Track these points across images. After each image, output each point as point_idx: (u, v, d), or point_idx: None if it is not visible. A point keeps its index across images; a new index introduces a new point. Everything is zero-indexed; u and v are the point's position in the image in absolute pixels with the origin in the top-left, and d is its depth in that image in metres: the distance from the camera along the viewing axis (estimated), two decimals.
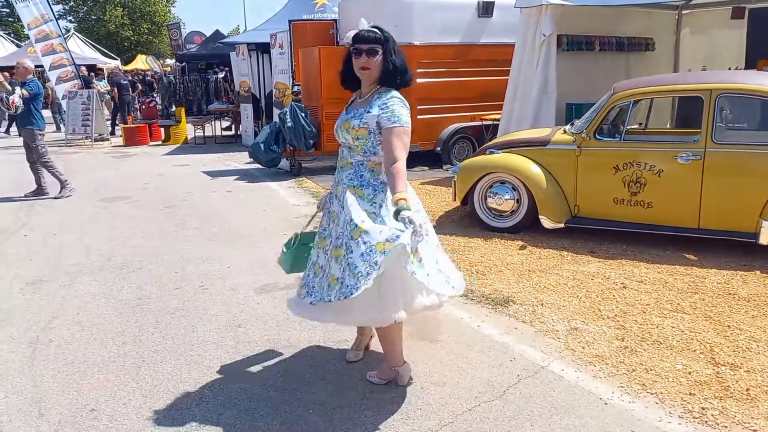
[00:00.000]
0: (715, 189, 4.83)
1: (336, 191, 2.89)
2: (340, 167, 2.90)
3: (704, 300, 4.07)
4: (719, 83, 4.89)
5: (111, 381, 3.23)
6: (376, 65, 2.75)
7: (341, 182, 2.85)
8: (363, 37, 2.75)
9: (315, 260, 2.90)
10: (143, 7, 42.23)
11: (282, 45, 10.91)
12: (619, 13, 8.45)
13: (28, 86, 7.89)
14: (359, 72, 2.78)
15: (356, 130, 2.76)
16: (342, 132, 2.83)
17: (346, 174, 2.84)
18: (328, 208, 2.93)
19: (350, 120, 2.78)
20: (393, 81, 2.81)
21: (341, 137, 2.85)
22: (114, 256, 5.47)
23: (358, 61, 2.76)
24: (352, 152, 2.82)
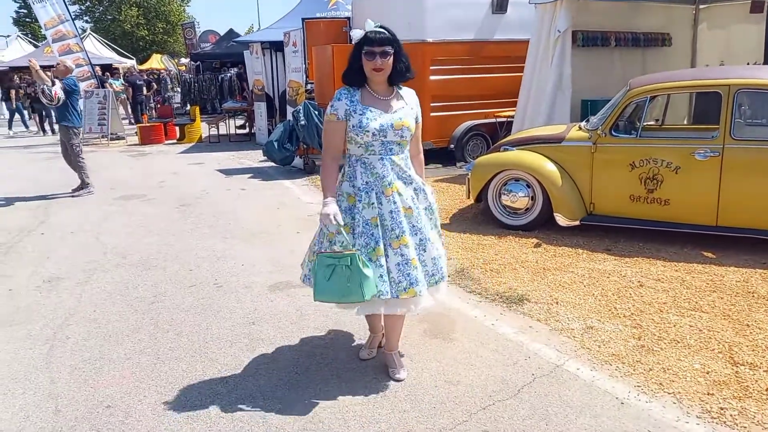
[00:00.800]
0: (734, 186, 4.76)
1: (391, 191, 2.85)
2: (387, 166, 2.86)
3: (722, 298, 4.01)
4: (738, 79, 4.81)
5: (127, 378, 3.25)
6: (388, 66, 2.80)
7: (398, 178, 2.89)
8: (375, 39, 2.76)
9: (404, 259, 2.84)
10: (158, 7, 42.54)
11: (295, 43, 10.92)
12: (635, 8, 8.36)
13: (64, 82, 8.13)
14: (372, 73, 2.80)
15: (413, 127, 2.91)
16: (396, 131, 2.83)
17: (403, 171, 2.91)
18: (382, 211, 2.85)
19: (405, 118, 2.86)
20: (403, 79, 2.89)
21: (393, 136, 2.83)
22: (130, 254, 5.51)
23: (372, 63, 2.77)
24: (402, 148, 2.91)
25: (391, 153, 2.86)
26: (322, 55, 9.39)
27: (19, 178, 9.94)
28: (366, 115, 2.80)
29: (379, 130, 2.79)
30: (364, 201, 2.84)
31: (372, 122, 2.79)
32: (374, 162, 2.85)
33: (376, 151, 2.84)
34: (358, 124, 2.79)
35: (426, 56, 9.03)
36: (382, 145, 2.83)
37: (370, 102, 2.85)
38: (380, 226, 2.84)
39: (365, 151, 2.85)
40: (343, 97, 2.85)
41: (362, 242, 2.82)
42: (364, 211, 2.84)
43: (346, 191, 2.90)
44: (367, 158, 2.86)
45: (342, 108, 2.84)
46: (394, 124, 2.81)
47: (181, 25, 32.88)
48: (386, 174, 2.85)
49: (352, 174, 2.89)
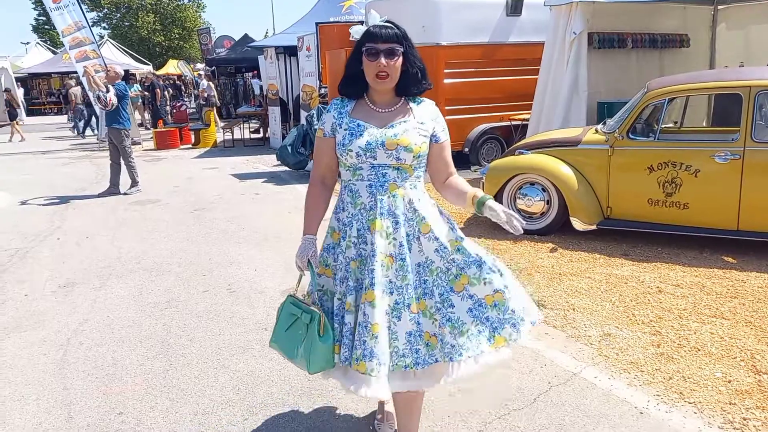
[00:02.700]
0: (755, 189, 4.66)
1: (378, 229, 2.17)
2: (376, 196, 2.19)
3: (744, 305, 3.92)
4: (759, 80, 4.71)
5: (139, 384, 3.24)
6: (396, 70, 2.16)
7: (388, 214, 2.18)
8: (379, 34, 2.13)
9: (365, 320, 2.13)
10: (174, 13, 42.94)
11: (309, 48, 10.94)
12: (652, 9, 8.26)
13: (115, 87, 8.65)
14: (374, 80, 2.15)
15: (419, 146, 2.18)
16: (389, 152, 2.15)
17: (401, 206, 2.20)
18: (364, 253, 2.20)
19: (402, 136, 2.16)
20: (417, 88, 2.24)
21: (385, 158, 2.16)
22: (144, 259, 5.52)
23: (375, 65, 2.13)
24: (404, 174, 2.20)
25: (385, 180, 2.18)
26: (336, 60, 9.39)
27: (36, 183, 10.05)
28: (352, 129, 2.18)
29: (364, 150, 2.15)
30: (348, 238, 2.22)
31: (356, 139, 2.16)
32: (360, 190, 2.21)
33: (364, 177, 2.20)
34: (342, 142, 2.20)
35: (440, 59, 8.99)
36: (371, 169, 2.18)
37: (362, 114, 2.23)
38: (359, 271, 2.21)
39: (352, 175, 2.23)
40: (332, 108, 2.28)
41: (342, 290, 2.22)
42: (348, 250, 2.22)
43: (332, 225, 2.32)
44: (354, 184, 2.23)
45: (329, 121, 2.26)
46: (386, 143, 2.14)
47: (197, 30, 33.17)
48: (373, 206, 2.19)
49: (339, 204, 2.30)
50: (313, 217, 2.32)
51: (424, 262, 2.22)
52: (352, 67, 2.22)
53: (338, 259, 2.26)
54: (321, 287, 2.31)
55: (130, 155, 8.88)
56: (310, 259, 2.23)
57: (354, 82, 2.23)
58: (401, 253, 2.18)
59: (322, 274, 2.31)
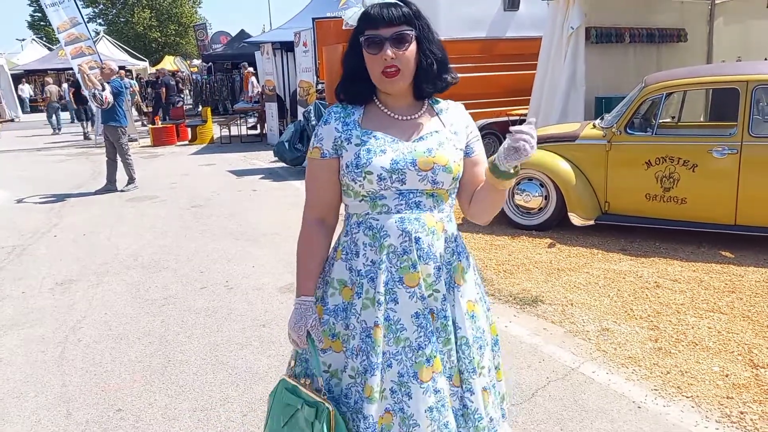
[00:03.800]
0: (753, 184, 4.67)
1: (417, 279, 1.60)
2: (411, 234, 1.60)
3: (742, 299, 3.93)
4: (756, 74, 4.71)
5: (137, 381, 3.23)
6: (409, 62, 1.58)
7: (429, 257, 1.61)
8: (381, 16, 1.56)
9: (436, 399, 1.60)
10: (170, 9, 42.82)
11: (306, 43, 10.91)
12: (650, 4, 8.25)
13: (111, 84, 8.59)
14: (381, 80, 1.59)
15: (458, 165, 1.65)
16: (423, 173, 1.59)
17: (441, 245, 1.64)
18: (392, 316, 1.60)
19: (438, 151, 1.61)
20: (433, 85, 1.66)
21: (418, 181, 1.60)
22: (141, 256, 5.51)
23: (378, 59, 1.56)
24: (440, 202, 1.64)
25: (420, 211, 1.62)
26: (333, 55, 9.36)
27: (32, 179, 10.02)
28: (368, 144, 1.60)
29: (389, 171, 1.58)
30: (367, 295, 1.61)
31: (377, 156, 1.58)
32: (387, 226, 1.60)
33: (391, 208, 1.61)
34: (354, 162, 1.59)
35: None
36: (399, 196, 1.60)
37: (377, 123, 1.65)
38: (387, 341, 1.60)
39: (371, 207, 1.62)
40: (332, 118, 1.67)
41: (357, 367, 1.62)
42: (365, 312, 1.61)
43: (339, 277, 1.67)
44: (375, 219, 1.62)
45: (329, 136, 1.65)
46: (419, 161, 1.59)
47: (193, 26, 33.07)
48: (408, 248, 1.59)
49: (351, 247, 1.66)
50: (310, 272, 1.70)
51: (456, 321, 1.68)
52: (351, 64, 1.64)
53: (350, 325, 1.63)
54: (328, 367, 1.68)
55: (128, 152, 8.84)
56: (309, 331, 1.64)
57: (356, 83, 1.65)
58: (444, 309, 1.64)
59: (328, 349, 1.68)
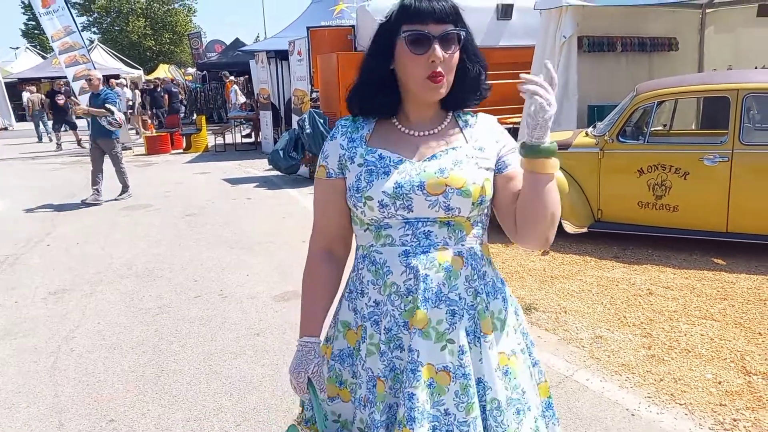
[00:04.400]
0: (744, 191, 4.70)
1: (422, 325, 1.35)
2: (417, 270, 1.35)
3: (734, 306, 3.95)
4: (746, 83, 4.76)
5: (130, 391, 3.22)
6: (453, 69, 1.36)
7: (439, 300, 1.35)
8: (428, 10, 1.31)
9: None
10: (165, 18, 42.87)
11: (300, 52, 10.94)
12: (641, 13, 8.32)
13: (111, 100, 8.37)
14: (425, 86, 1.34)
15: (479, 187, 1.36)
16: (433, 197, 1.35)
17: (446, 281, 1.36)
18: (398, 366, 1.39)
19: (454, 171, 1.36)
20: (475, 96, 1.44)
21: (427, 208, 1.35)
22: (135, 265, 5.50)
23: (425, 60, 1.32)
24: (459, 232, 1.38)
25: (429, 243, 1.37)
26: (327, 64, 9.39)
27: (26, 188, 9.98)
28: (370, 165, 1.39)
29: (392, 196, 1.35)
30: (371, 340, 1.41)
31: (379, 179, 1.36)
32: (390, 260, 1.38)
33: (395, 240, 1.38)
34: (355, 185, 1.39)
35: None
36: (406, 226, 1.37)
37: (386, 140, 1.42)
38: (393, 393, 1.39)
39: (375, 238, 1.40)
40: (338, 133, 1.47)
41: (365, 419, 1.41)
42: (369, 359, 1.41)
43: (343, 319, 1.50)
44: (378, 252, 1.40)
45: (335, 154, 1.44)
46: (427, 183, 1.35)
47: (188, 35, 33.12)
48: (413, 288, 1.35)
49: (356, 285, 1.46)
50: (315, 310, 1.49)
51: (483, 380, 1.38)
52: (377, 69, 1.39)
53: (357, 373, 1.44)
54: (338, 417, 1.51)
55: (121, 161, 8.75)
56: (311, 378, 1.45)
57: (379, 94, 1.40)
58: (462, 365, 1.34)
59: (335, 397, 1.50)
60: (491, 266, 1.46)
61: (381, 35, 1.39)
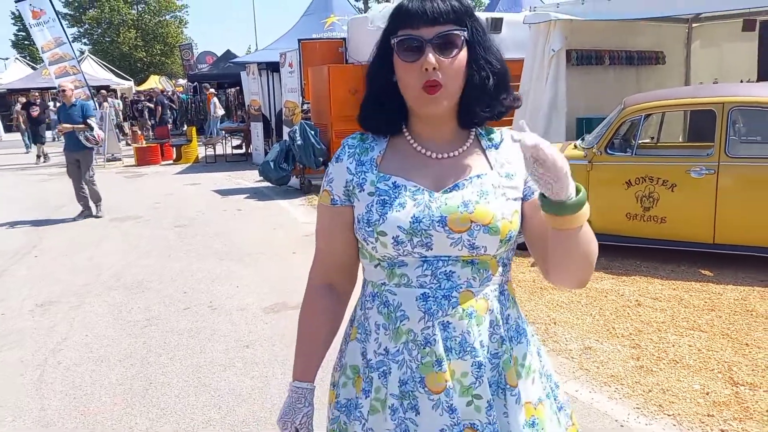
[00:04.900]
0: (730, 203, 4.75)
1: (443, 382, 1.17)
2: (436, 317, 1.18)
3: (721, 317, 3.98)
4: (731, 96, 4.83)
5: (118, 404, 3.19)
6: (456, 76, 1.17)
7: (463, 351, 1.18)
8: (421, 11, 1.16)
9: None
10: (156, 29, 42.89)
11: (291, 64, 10.98)
12: (629, 27, 8.42)
13: (91, 114, 8.11)
14: (418, 97, 1.17)
15: (509, 222, 1.20)
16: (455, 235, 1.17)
17: (470, 328, 1.18)
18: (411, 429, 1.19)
19: (480, 204, 1.18)
20: (493, 108, 1.23)
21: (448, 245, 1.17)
22: (124, 276, 5.46)
23: (416, 68, 1.15)
24: (484, 271, 1.21)
25: (452, 286, 1.19)
26: (318, 76, 9.43)
27: (14, 199, 9.91)
28: (383, 194, 1.20)
29: (410, 232, 1.17)
30: (377, 395, 1.22)
31: (394, 212, 1.18)
32: (405, 304, 1.20)
33: (412, 280, 1.20)
34: (365, 217, 1.20)
35: None
36: (424, 264, 1.19)
37: (401, 164, 1.24)
38: None
39: (388, 276, 1.22)
40: (345, 154, 1.27)
41: None
42: (372, 418, 1.22)
43: (352, 363, 1.29)
44: (392, 293, 1.21)
45: (341, 178, 1.26)
46: (449, 219, 1.17)
47: (179, 46, 33.15)
48: (432, 337, 1.17)
49: (364, 324, 1.27)
50: (311, 351, 1.32)
51: None
52: (378, 80, 1.24)
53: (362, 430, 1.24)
54: None
55: (93, 174, 8.31)
56: (298, 429, 1.30)
57: (383, 106, 1.23)
58: (490, 421, 1.18)
59: None
60: (515, 306, 1.31)
61: (382, 42, 1.24)
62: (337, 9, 13.34)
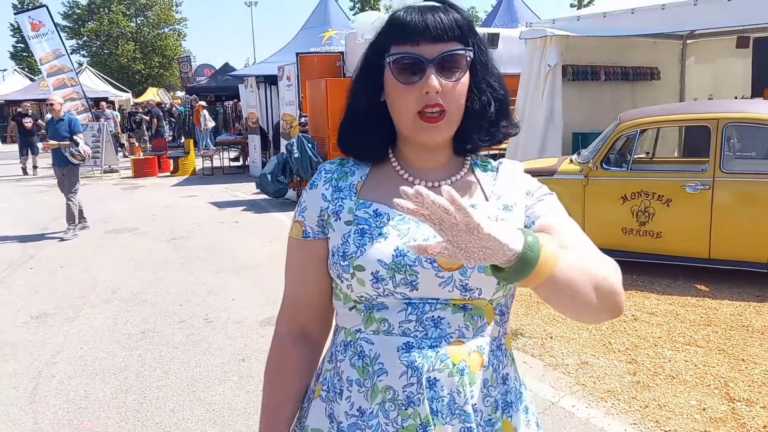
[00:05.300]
0: (725, 218, 4.77)
1: None
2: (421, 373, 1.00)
3: (717, 332, 3.98)
4: (726, 112, 4.87)
5: (112, 418, 3.17)
6: (459, 101, 1.05)
7: (451, 414, 1.01)
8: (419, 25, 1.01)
9: None
10: (155, 42, 43.09)
11: (289, 77, 11.03)
12: (624, 43, 8.51)
13: (78, 129, 7.72)
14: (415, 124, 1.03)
15: None
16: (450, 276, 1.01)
17: (460, 387, 1.01)
18: None
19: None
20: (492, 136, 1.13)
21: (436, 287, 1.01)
22: (119, 289, 5.45)
23: (415, 90, 1.01)
24: (476, 318, 1.05)
25: (441, 335, 1.02)
26: (316, 89, 9.48)
27: (9, 211, 9.89)
28: (362, 223, 1.06)
29: (392, 268, 1.01)
30: None
31: (375, 243, 1.03)
32: (384, 355, 1.03)
33: (393, 326, 1.03)
34: (341, 249, 1.05)
35: None
36: (408, 308, 1.03)
37: (385, 191, 1.08)
38: None
39: (365, 321, 1.06)
40: (320, 179, 1.13)
41: None
42: None
43: (315, 426, 1.10)
44: (368, 341, 1.05)
45: (314, 206, 1.11)
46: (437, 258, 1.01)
47: (177, 59, 33.26)
48: (416, 397, 1.00)
49: (334, 381, 1.09)
50: (281, 409, 1.16)
51: None
52: (363, 100, 1.09)
53: None
54: None
55: (76, 192, 7.86)
56: None
57: (368, 128, 1.10)
58: None
59: None
60: (513, 365, 1.12)
61: (367, 59, 1.08)
62: (335, 23, 13.46)
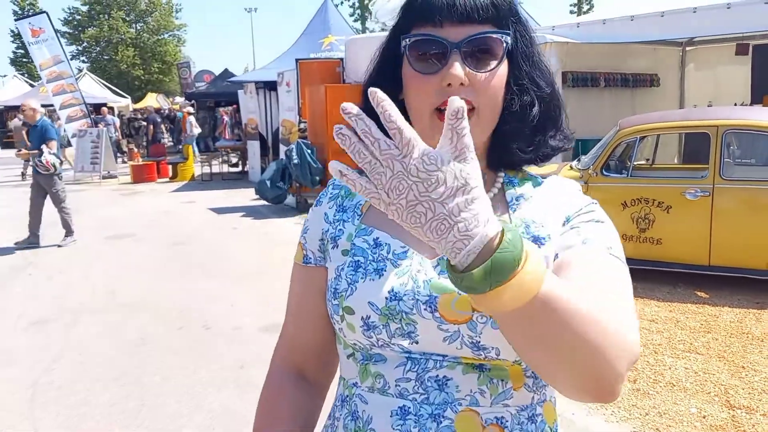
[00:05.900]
0: (725, 225, 4.78)
1: None
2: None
3: (717, 339, 3.98)
4: (725, 119, 4.88)
5: (111, 425, 3.16)
6: (494, 97, 0.82)
7: None
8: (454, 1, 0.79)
9: None
10: (154, 48, 43.19)
11: (289, 83, 11.05)
12: (624, 50, 8.54)
13: (50, 136, 7.30)
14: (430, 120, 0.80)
15: None
16: (458, 328, 0.78)
17: None
18: None
19: None
20: (537, 148, 0.88)
21: (449, 341, 0.79)
22: (118, 295, 5.43)
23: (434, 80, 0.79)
24: (497, 382, 0.80)
25: (448, 400, 0.79)
26: (316, 95, 9.49)
27: (9, 216, 9.87)
28: (358, 254, 0.86)
29: (385, 314, 0.81)
30: None
31: (367, 281, 0.83)
32: (377, 420, 0.82)
33: (388, 385, 0.82)
34: (333, 286, 0.87)
35: None
36: (408, 363, 0.82)
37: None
38: None
39: (361, 374, 0.85)
40: (326, 195, 0.96)
41: None
42: None
43: None
44: (362, 400, 0.85)
45: (316, 228, 0.95)
46: (440, 301, 0.78)
47: (177, 65, 33.33)
48: None
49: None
50: None
51: None
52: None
53: None
54: None
55: (64, 201, 7.60)
56: None
57: None
58: None
59: None
60: None
61: (387, 46, 0.88)
62: (334, 29, 13.48)
